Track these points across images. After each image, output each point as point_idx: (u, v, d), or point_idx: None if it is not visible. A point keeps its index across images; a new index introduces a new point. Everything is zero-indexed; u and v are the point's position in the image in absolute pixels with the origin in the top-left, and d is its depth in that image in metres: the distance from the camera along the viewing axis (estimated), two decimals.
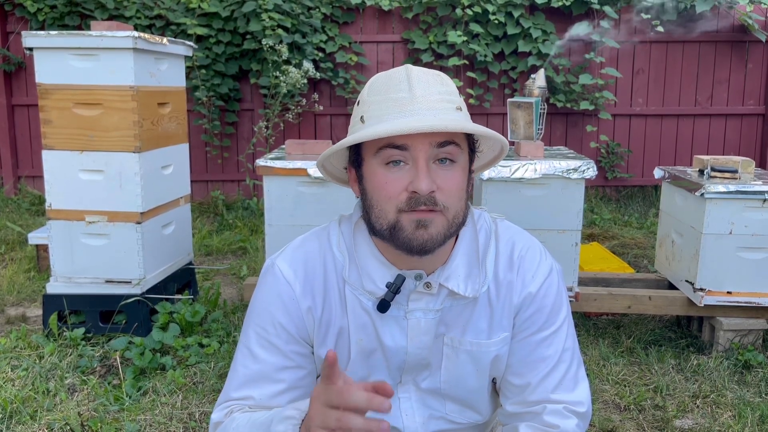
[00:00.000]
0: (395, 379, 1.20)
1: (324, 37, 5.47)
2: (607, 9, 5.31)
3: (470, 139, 1.10)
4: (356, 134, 1.04)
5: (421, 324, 1.14)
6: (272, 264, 1.18)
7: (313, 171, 2.71)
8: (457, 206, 1.06)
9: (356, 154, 1.10)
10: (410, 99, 1.04)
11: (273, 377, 1.14)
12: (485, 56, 5.40)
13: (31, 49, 2.75)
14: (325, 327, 1.16)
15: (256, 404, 1.13)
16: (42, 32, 2.73)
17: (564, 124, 5.81)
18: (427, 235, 1.03)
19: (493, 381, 1.24)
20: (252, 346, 1.15)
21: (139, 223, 2.84)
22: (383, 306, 1.11)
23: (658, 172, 3.16)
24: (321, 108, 5.54)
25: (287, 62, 5.14)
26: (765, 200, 2.68)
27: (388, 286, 1.11)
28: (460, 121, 1.05)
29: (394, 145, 1.02)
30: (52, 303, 2.89)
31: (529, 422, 1.15)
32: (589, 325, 3.11)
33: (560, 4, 5.37)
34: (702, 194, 2.68)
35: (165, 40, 2.92)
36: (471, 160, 1.11)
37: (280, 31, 5.06)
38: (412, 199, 1.02)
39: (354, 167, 1.12)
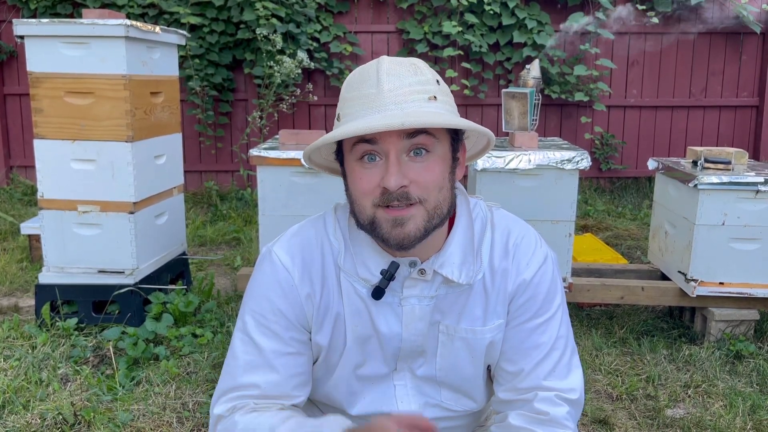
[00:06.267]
0: (390, 367, 1.20)
1: (318, 27, 5.44)
2: (602, 0, 5.29)
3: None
4: (324, 136, 1.05)
5: (415, 311, 1.15)
6: (269, 252, 1.18)
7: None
8: (437, 197, 1.05)
9: (339, 150, 1.11)
10: (377, 94, 1.03)
11: (274, 364, 1.13)
12: (480, 47, 5.38)
13: (22, 37, 2.72)
14: (323, 313, 1.16)
15: (261, 393, 1.13)
16: (33, 20, 2.70)
17: (558, 115, 5.81)
18: (403, 233, 1.04)
19: (488, 368, 1.24)
20: (252, 333, 1.15)
21: (131, 213, 2.82)
22: (378, 293, 1.12)
23: (651, 163, 3.16)
24: (315, 98, 5.52)
25: (281, 52, 5.11)
26: (758, 191, 2.68)
27: (383, 273, 1.11)
28: (424, 114, 1.02)
29: (365, 141, 1.03)
30: (45, 293, 2.88)
31: (520, 410, 1.15)
32: (582, 315, 3.12)
33: None
34: (695, 185, 2.69)
35: (157, 28, 2.90)
36: (456, 148, 1.10)
37: (274, 20, 5.03)
38: (385, 194, 1.03)
39: (339, 162, 1.13)
